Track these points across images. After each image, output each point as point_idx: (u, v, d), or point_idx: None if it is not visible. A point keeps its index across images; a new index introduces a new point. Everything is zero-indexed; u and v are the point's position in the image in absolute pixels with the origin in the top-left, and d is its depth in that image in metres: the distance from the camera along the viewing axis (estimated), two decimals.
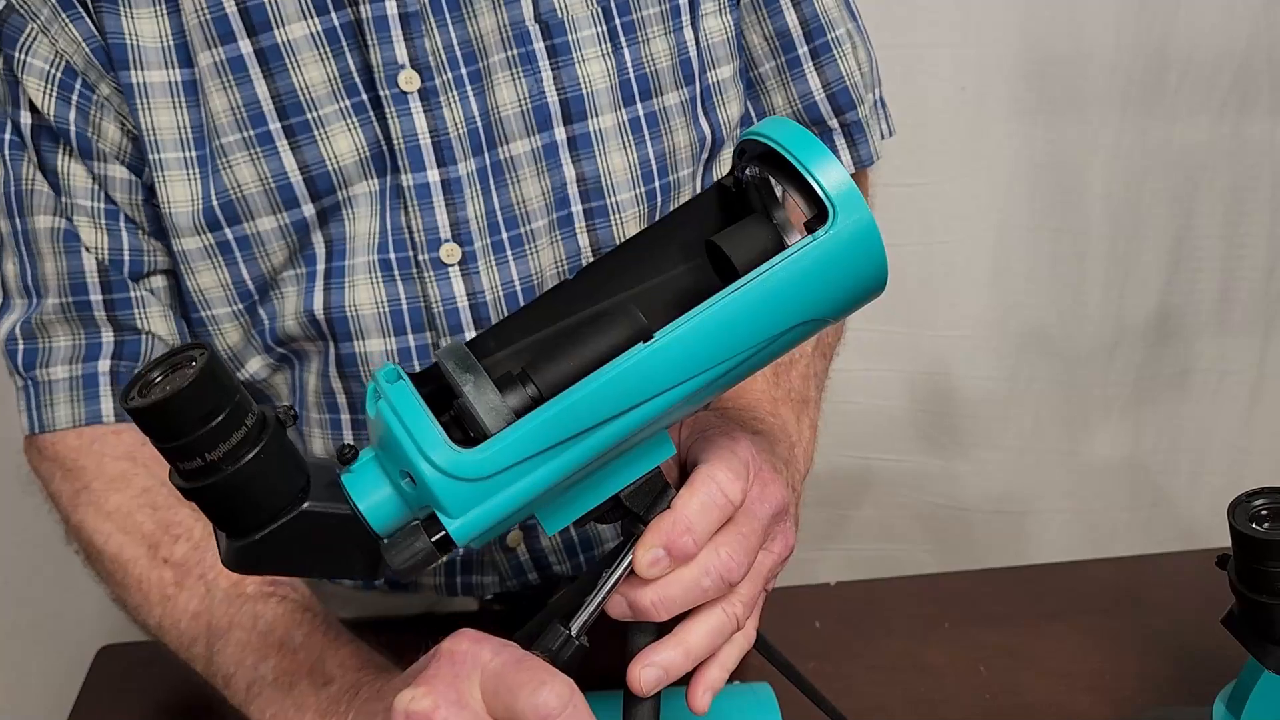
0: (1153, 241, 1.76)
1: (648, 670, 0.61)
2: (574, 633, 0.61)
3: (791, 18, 0.90)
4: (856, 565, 1.88)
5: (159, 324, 0.85)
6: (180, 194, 0.80)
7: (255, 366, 0.88)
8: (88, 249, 0.83)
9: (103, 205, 0.83)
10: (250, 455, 0.51)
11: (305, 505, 0.54)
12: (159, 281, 0.86)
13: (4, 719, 1.62)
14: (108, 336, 0.84)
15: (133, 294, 0.84)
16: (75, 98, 0.79)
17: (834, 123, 0.94)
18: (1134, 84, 1.66)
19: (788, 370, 0.85)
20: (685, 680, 0.88)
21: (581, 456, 0.55)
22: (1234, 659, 0.80)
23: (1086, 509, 1.88)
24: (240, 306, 0.85)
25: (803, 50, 0.91)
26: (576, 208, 0.85)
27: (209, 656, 0.76)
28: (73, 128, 0.80)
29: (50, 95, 0.79)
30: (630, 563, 0.61)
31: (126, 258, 0.84)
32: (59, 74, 0.79)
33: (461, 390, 0.54)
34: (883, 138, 0.98)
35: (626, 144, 0.85)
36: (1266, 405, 1.86)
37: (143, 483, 0.82)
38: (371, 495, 0.56)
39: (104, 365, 0.84)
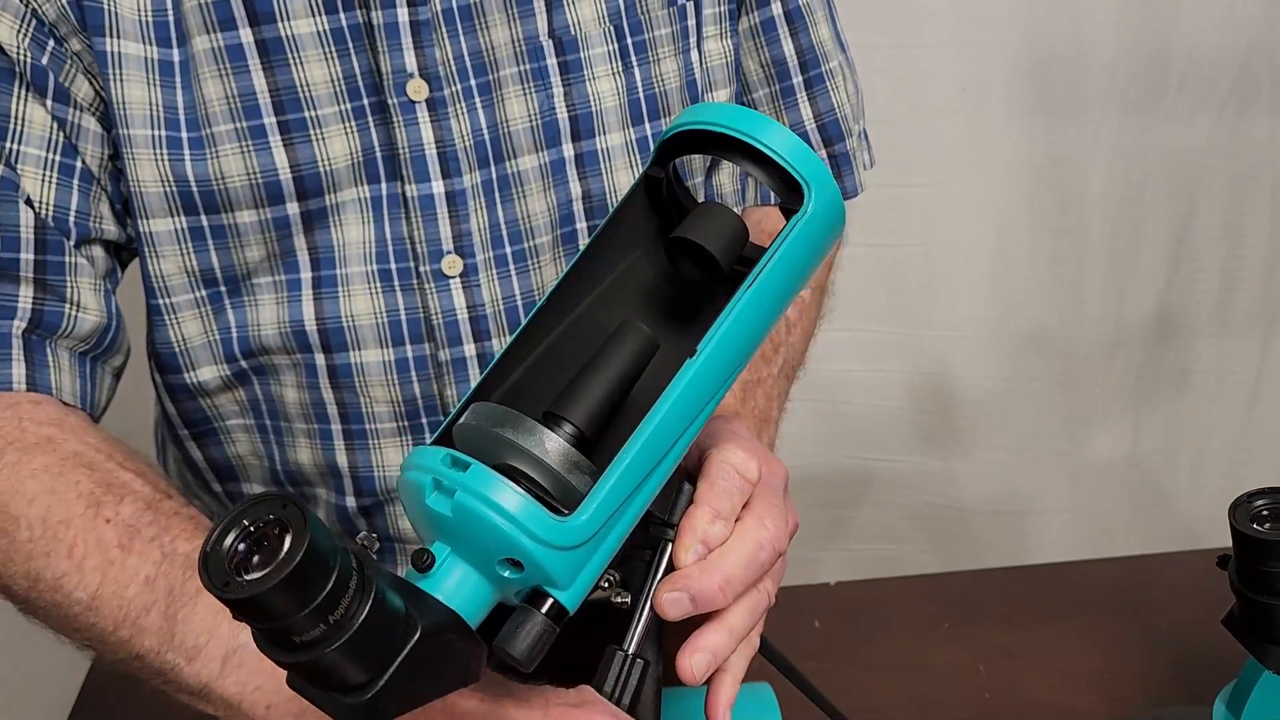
0: (1153, 242, 1.76)
1: (698, 656, 0.60)
2: (632, 652, 0.59)
3: (788, 47, 0.91)
4: (857, 565, 1.88)
5: (88, 296, 0.79)
6: (149, 174, 0.77)
7: (206, 375, 0.84)
8: (28, 201, 0.77)
9: (58, 157, 0.77)
10: (371, 599, 0.46)
11: (420, 629, 0.48)
12: (98, 251, 0.81)
13: (4, 719, 1.62)
14: (26, 299, 0.77)
15: (68, 259, 0.78)
16: (50, 44, 0.76)
17: (823, 153, 0.94)
18: (1134, 84, 1.66)
19: (754, 389, 0.86)
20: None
21: (653, 487, 0.55)
22: (1234, 659, 0.80)
23: (1086, 509, 1.88)
24: (204, 294, 0.81)
25: (797, 80, 0.92)
26: (581, 224, 0.85)
27: (167, 628, 0.66)
28: (49, 72, 0.76)
29: (25, 34, 0.75)
30: (664, 572, 0.61)
31: (71, 218, 0.78)
32: (32, 19, 0.75)
33: (532, 454, 0.52)
34: (865, 169, 0.99)
35: (634, 163, 0.85)
36: (1266, 405, 1.86)
37: (73, 447, 0.73)
38: (463, 594, 0.52)
39: (17, 326, 0.77)
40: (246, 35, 0.76)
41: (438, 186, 0.80)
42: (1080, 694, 0.90)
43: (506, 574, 0.51)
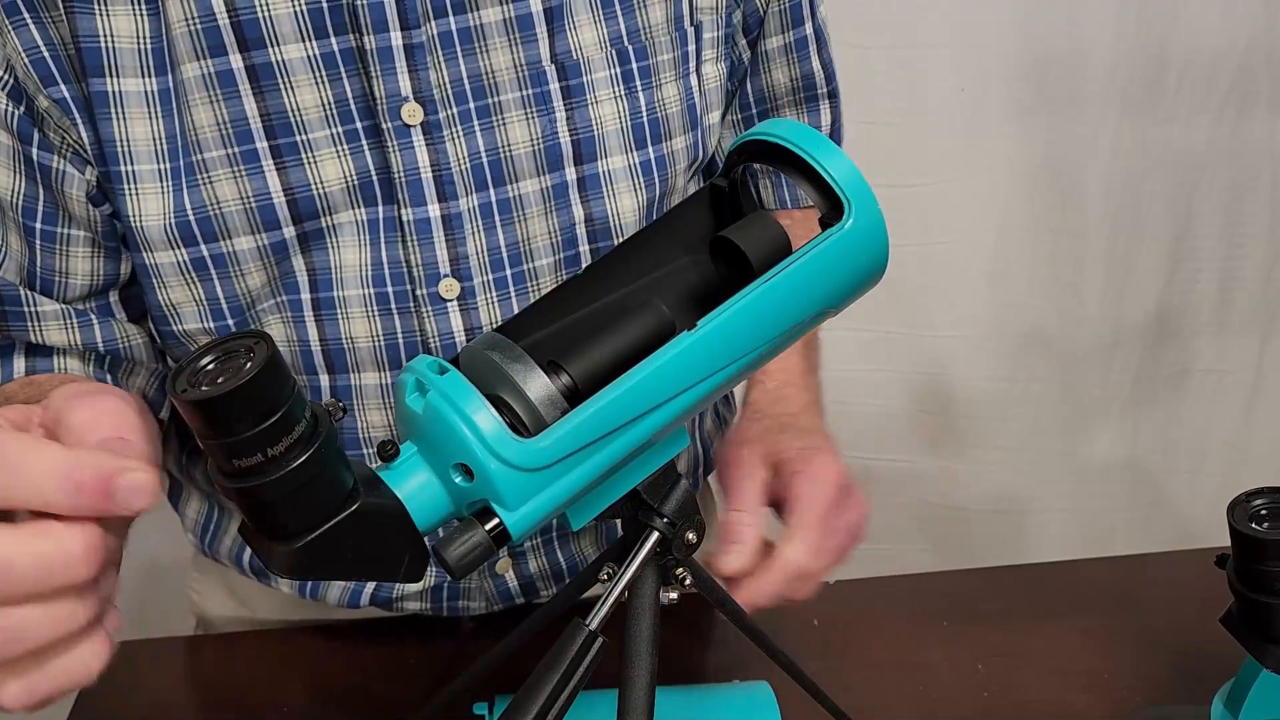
0: (1152, 242, 1.76)
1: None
2: (594, 628, 0.61)
3: (816, 62, 0.95)
4: (856, 564, 1.87)
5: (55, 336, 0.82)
6: (153, 207, 0.77)
7: None
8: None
9: (21, 219, 0.79)
10: (313, 449, 0.49)
11: (359, 503, 0.51)
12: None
13: (4, 719, 1.62)
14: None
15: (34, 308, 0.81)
16: (9, 102, 0.76)
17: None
18: (1133, 84, 1.66)
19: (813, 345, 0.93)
20: (684, 680, 0.89)
21: (626, 446, 0.56)
22: (1232, 658, 0.80)
23: (1085, 509, 1.88)
24: (212, 325, 0.82)
25: (822, 90, 0.97)
26: (584, 248, 0.85)
27: None
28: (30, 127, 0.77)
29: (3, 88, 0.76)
30: (644, 558, 0.63)
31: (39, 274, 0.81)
32: (10, 77, 0.76)
33: (514, 380, 0.54)
34: None
35: (636, 186, 0.85)
36: (1265, 405, 1.86)
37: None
38: (417, 492, 0.54)
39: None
40: (236, 61, 0.75)
41: (434, 210, 0.80)
42: (1078, 693, 0.91)
43: (458, 480, 0.53)
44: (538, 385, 0.54)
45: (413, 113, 0.78)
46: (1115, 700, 0.90)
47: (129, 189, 0.77)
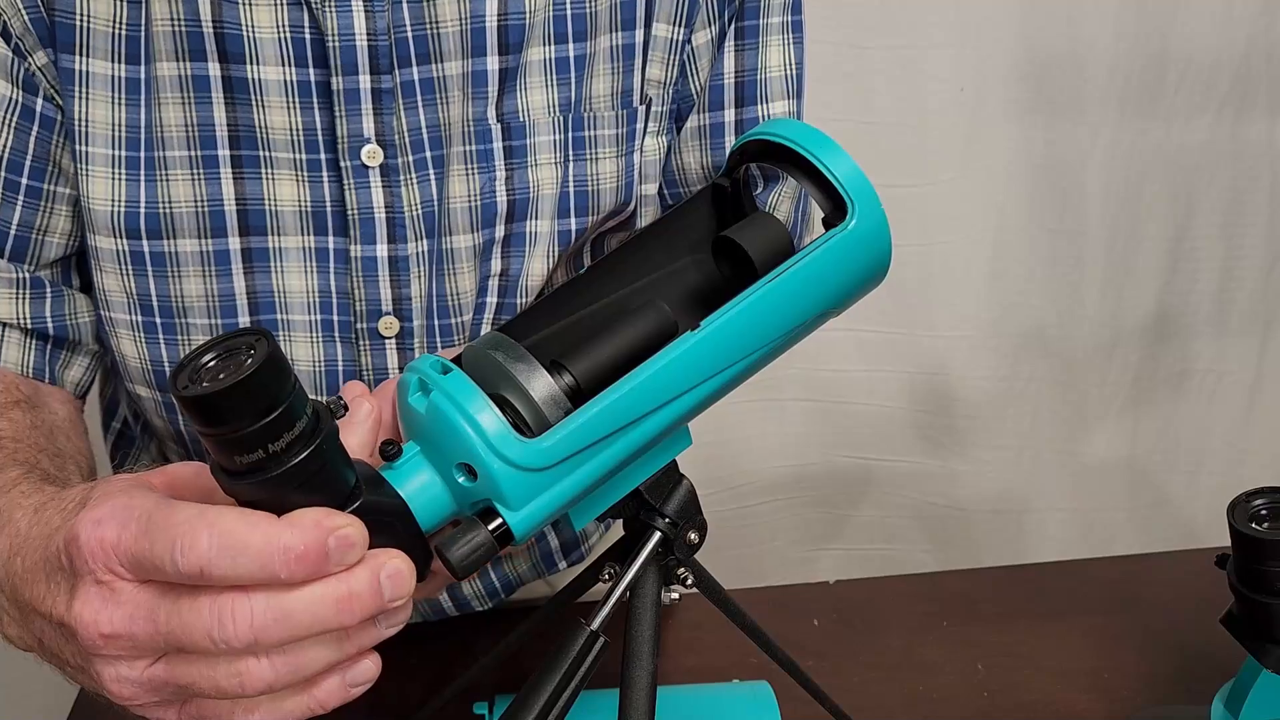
0: (1151, 242, 1.76)
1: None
2: (595, 628, 0.61)
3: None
4: (856, 564, 1.88)
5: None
6: (101, 191, 0.78)
7: (143, 393, 0.85)
8: None
9: (5, 174, 0.78)
10: (314, 445, 0.49)
11: (361, 501, 0.52)
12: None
13: (4, 719, 1.62)
14: None
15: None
16: (11, 53, 0.76)
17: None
18: (1133, 84, 1.66)
19: None
20: (684, 680, 0.89)
21: (629, 446, 0.56)
22: (1232, 658, 0.80)
23: (1085, 509, 1.88)
24: (140, 319, 0.82)
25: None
26: (491, 299, 0.86)
27: None
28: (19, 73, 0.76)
29: None
30: (645, 559, 0.63)
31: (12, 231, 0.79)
32: (12, 32, 0.76)
33: (517, 380, 0.54)
34: None
35: (551, 252, 0.85)
36: (1264, 405, 1.86)
37: None
38: (420, 491, 0.54)
39: None
40: (215, 69, 0.76)
41: (382, 250, 0.81)
42: (1079, 693, 0.91)
43: (461, 480, 0.54)
44: (541, 385, 0.54)
45: (372, 154, 0.78)
46: (1115, 700, 0.90)
47: (82, 169, 0.77)
